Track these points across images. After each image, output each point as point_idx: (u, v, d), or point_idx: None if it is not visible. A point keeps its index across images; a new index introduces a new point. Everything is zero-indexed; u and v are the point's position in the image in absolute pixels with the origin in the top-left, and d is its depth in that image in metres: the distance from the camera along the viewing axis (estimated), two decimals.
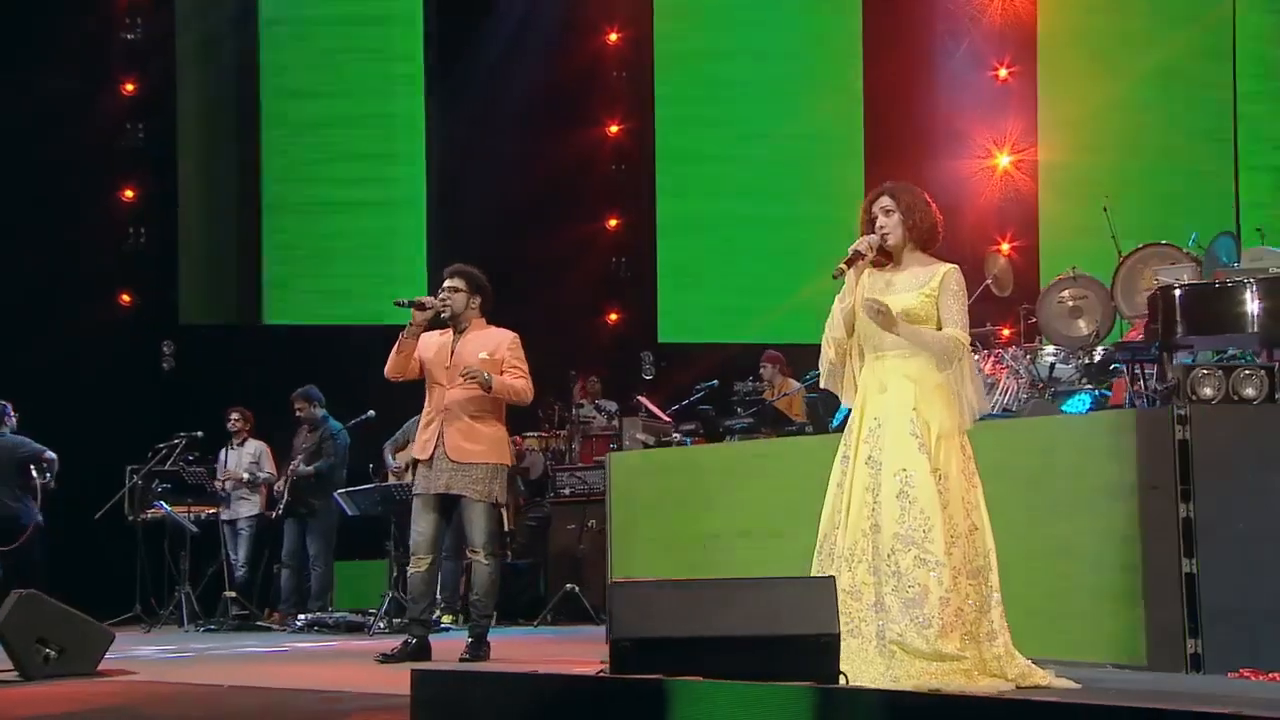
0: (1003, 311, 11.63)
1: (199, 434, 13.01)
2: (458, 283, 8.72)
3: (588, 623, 11.93)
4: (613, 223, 16.39)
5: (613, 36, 16.44)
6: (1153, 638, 7.04)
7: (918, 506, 6.15)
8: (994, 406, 9.01)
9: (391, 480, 12.26)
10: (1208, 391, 7.29)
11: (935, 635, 6.03)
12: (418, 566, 8.53)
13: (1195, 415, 7.06)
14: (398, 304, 8.65)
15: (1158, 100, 16.13)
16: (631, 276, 16.33)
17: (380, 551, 12.34)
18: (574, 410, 13.85)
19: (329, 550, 12.71)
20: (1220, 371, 7.33)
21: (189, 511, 12.97)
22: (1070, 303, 9.75)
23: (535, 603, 12.33)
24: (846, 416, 10.28)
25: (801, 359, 13.37)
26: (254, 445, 13.05)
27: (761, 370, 13.16)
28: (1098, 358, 9.70)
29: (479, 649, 8.45)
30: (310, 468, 12.57)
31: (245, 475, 12.84)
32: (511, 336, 8.75)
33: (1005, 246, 14.97)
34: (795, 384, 12.68)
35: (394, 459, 12.37)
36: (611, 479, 9.58)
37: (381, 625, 11.32)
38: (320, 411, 12.85)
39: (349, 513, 12.03)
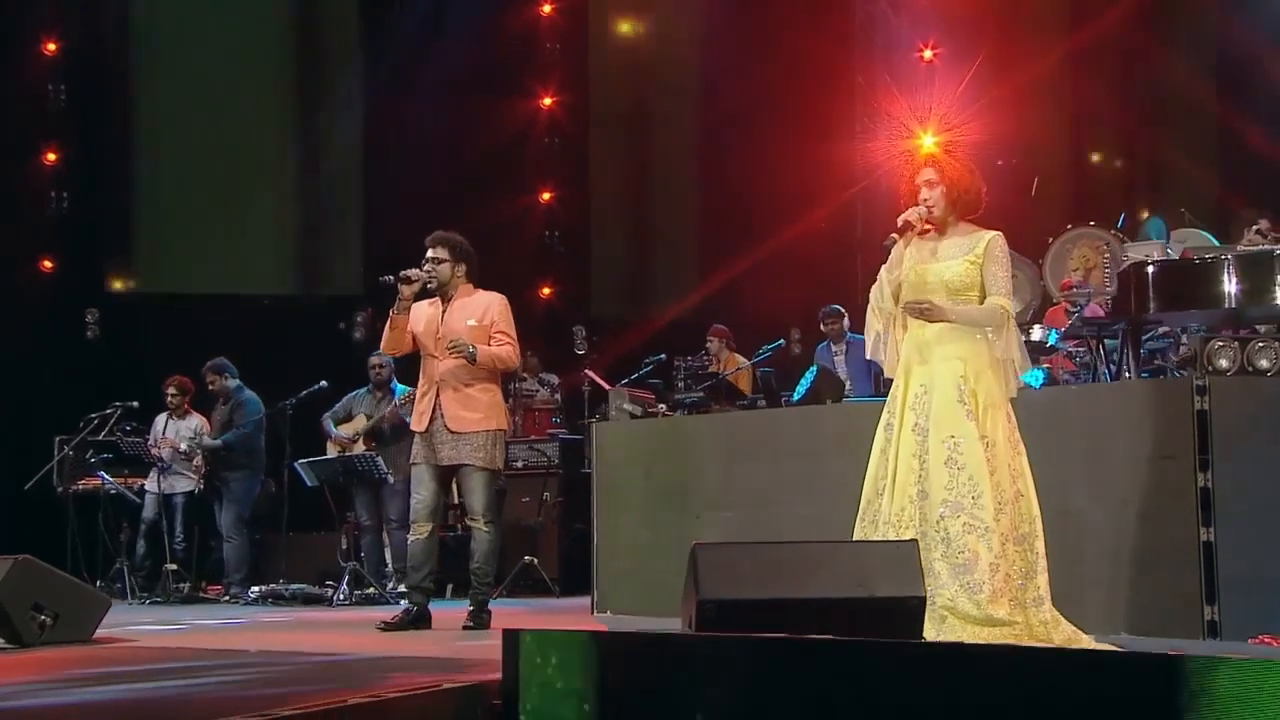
0: None
1: (135, 404, 12.72)
2: (440, 252, 8.58)
3: (545, 595, 11.88)
4: (546, 196, 16.29)
5: (546, 8, 16.34)
6: (1170, 605, 7.15)
7: (966, 473, 6.17)
8: None
9: (333, 450, 12.11)
10: (1224, 363, 7.43)
11: (986, 600, 6.06)
12: (418, 534, 8.45)
13: (1213, 386, 7.17)
14: (382, 281, 8.47)
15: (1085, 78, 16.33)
16: (565, 250, 16.25)
17: (333, 523, 12.19)
18: (515, 384, 13.74)
19: (243, 523, 12.44)
20: (1236, 344, 7.46)
21: (126, 483, 12.72)
22: None
23: None
24: (809, 391, 10.41)
25: (738, 333, 13.43)
26: (196, 419, 12.77)
27: (708, 344, 13.17)
28: (1034, 335, 9.81)
29: (481, 616, 8.39)
30: (217, 440, 12.36)
31: (184, 446, 12.55)
32: (500, 300, 8.64)
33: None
34: (741, 359, 12.71)
35: (335, 429, 12.21)
36: (595, 449, 9.51)
37: (342, 597, 11.16)
38: (233, 383, 12.64)
39: (309, 483, 11.83)
